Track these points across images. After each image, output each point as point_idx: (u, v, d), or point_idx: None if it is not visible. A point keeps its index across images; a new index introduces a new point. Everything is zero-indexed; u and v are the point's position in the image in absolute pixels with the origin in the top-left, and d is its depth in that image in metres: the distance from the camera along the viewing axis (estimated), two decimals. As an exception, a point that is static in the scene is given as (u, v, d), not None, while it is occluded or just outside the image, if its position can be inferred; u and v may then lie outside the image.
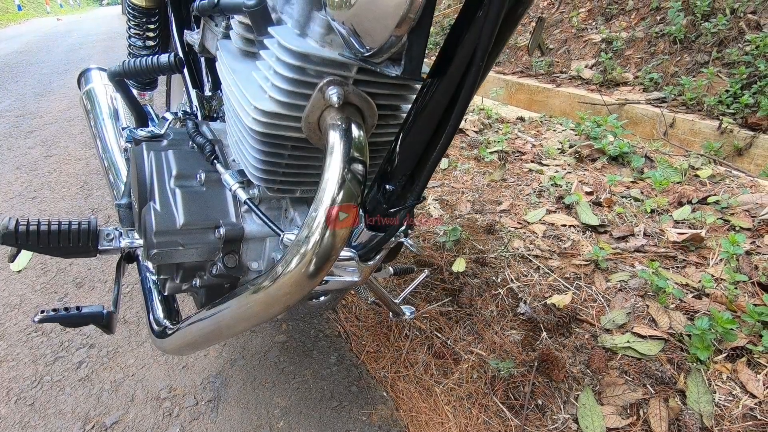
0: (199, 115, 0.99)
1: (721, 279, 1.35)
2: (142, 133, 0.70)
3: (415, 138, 0.48)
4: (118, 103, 1.34)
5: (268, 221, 0.61)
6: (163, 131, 0.72)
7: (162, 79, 1.32)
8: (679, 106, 2.86)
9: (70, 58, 6.13)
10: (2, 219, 0.80)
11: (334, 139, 0.49)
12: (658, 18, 3.50)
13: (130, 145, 1.21)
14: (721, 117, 2.58)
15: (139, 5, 1.17)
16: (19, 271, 1.70)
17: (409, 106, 0.60)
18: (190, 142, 0.72)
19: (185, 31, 0.85)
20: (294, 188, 0.64)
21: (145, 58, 0.69)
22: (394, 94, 0.56)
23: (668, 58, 3.20)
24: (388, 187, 0.51)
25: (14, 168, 2.55)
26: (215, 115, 0.99)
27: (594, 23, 4.01)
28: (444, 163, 2.26)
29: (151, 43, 1.25)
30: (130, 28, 1.25)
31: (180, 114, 0.79)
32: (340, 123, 0.50)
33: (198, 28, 0.80)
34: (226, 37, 0.68)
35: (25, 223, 0.79)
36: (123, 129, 1.22)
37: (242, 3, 0.53)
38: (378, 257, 0.59)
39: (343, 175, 0.48)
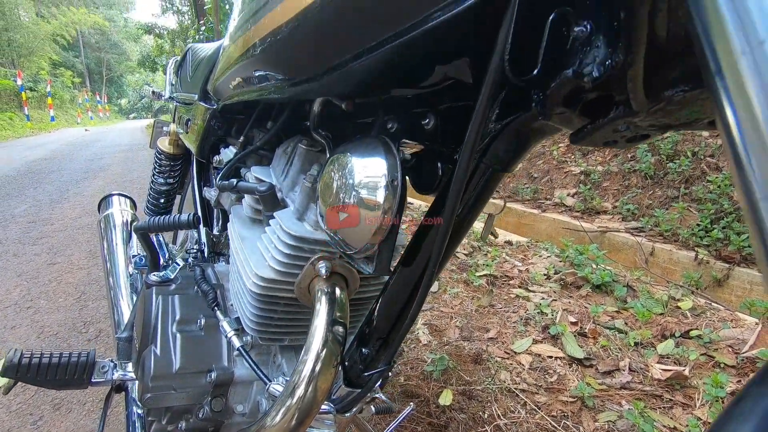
0: (205, 251, 1.10)
1: (709, 422, 1.34)
2: (154, 278, 0.80)
3: (388, 310, 0.57)
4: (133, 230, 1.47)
5: (257, 370, 0.67)
6: (173, 276, 0.82)
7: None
8: (657, 236, 3.05)
9: (90, 167, 6.59)
10: (9, 351, 0.85)
11: (321, 303, 0.58)
12: (629, 156, 3.90)
13: (136, 272, 1.30)
14: (696, 249, 2.74)
15: (166, 152, 1.37)
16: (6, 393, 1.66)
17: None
18: (196, 287, 0.81)
19: (204, 187, 1.01)
20: (283, 337, 0.71)
21: (168, 217, 0.81)
22: (374, 263, 0.66)
23: (641, 191, 3.50)
24: (364, 350, 0.59)
25: (16, 275, 2.62)
26: (220, 251, 1.10)
27: (573, 156, 4.44)
28: (435, 286, 2.34)
29: (171, 180, 1.43)
30: (155, 167, 1.43)
31: (190, 260, 0.89)
32: (326, 289, 0.59)
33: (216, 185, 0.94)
34: (239, 201, 0.82)
35: (29, 356, 0.84)
36: (133, 256, 1.33)
37: (255, 188, 0.67)
38: (354, 410, 0.63)
39: (325, 335, 0.56)
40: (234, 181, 0.70)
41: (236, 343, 0.70)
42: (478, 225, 3.56)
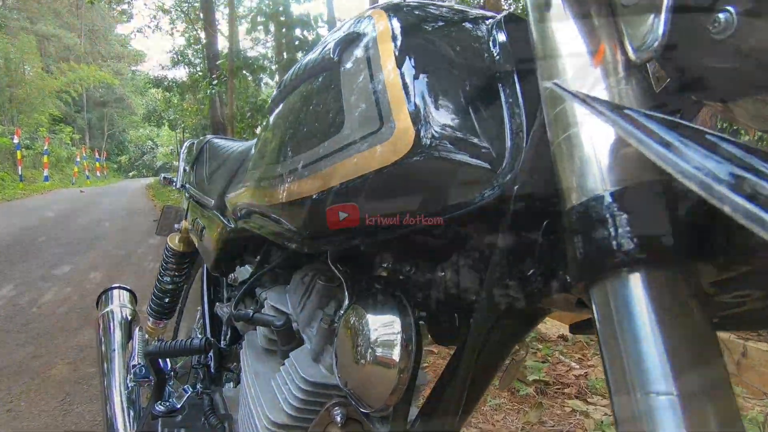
0: (212, 365, 1.20)
1: None
2: (160, 408, 0.90)
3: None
4: (135, 332, 1.59)
5: None
6: (180, 405, 0.92)
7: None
8: (751, 333, 2.95)
9: (83, 237, 7.01)
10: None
11: (335, 452, 0.66)
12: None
13: (135, 384, 1.41)
14: (799, 350, 2.64)
15: (175, 250, 1.53)
16: None
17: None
18: (203, 418, 0.90)
19: (217, 303, 1.13)
20: (293, 483, 0.79)
21: (180, 341, 0.93)
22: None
23: (725, 274, 3.44)
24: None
25: (-4, 371, 2.78)
26: (227, 367, 1.20)
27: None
28: (471, 394, 2.34)
29: (177, 279, 1.57)
30: (162, 265, 1.59)
31: (199, 389, 1.00)
32: (341, 439, 0.68)
33: (227, 302, 1.07)
34: (253, 326, 0.93)
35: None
36: (133, 366, 1.44)
37: (272, 322, 0.78)
38: None
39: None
40: (250, 312, 0.82)
41: (244, 485, 0.78)
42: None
